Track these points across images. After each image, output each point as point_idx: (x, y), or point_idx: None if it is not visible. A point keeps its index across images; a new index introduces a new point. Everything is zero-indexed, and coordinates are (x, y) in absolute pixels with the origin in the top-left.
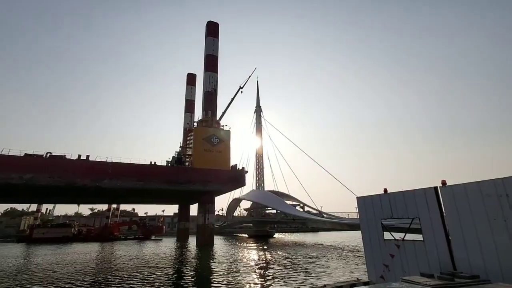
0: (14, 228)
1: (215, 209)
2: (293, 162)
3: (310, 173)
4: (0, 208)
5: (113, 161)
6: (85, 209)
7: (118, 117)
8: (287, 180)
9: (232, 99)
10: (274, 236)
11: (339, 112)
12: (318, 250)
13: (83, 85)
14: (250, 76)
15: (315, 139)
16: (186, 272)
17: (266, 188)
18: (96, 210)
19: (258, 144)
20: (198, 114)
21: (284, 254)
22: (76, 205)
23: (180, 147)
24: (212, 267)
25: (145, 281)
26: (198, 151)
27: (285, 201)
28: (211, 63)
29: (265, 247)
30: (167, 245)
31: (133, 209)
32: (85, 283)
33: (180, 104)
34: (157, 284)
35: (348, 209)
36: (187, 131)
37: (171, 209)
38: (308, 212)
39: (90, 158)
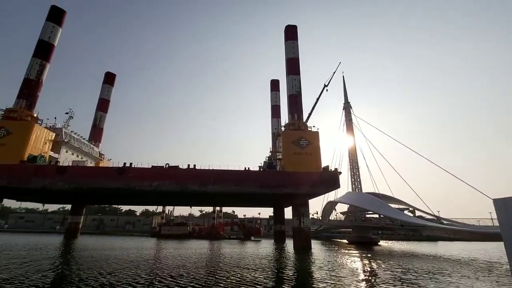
0: (148, 225)
1: (310, 212)
2: (393, 162)
3: (416, 173)
4: (138, 209)
5: (214, 168)
6: (195, 211)
7: (206, 126)
8: (389, 181)
9: (318, 98)
10: (379, 243)
11: (441, 105)
12: (440, 263)
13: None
14: (334, 72)
15: (410, 134)
16: (289, 276)
17: (364, 190)
18: (204, 212)
19: (350, 142)
20: (284, 118)
21: (395, 265)
22: (189, 207)
23: (270, 152)
24: (314, 272)
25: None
26: (287, 154)
27: (389, 205)
28: (293, 66)
29: (369, 254)
30: (266, 246)
31: (233, 211)
32: (201, 274)
33: (266, 110)
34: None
35: (469, 214)
36: (275, 135)
37: (266, 212)
38: (420, 217)
39: (196, 167)
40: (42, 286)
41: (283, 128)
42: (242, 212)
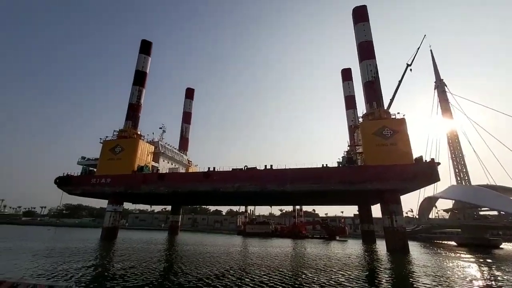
0: (234, 224)
1: (403, 209)
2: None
3: None
4: (224, 209)
5: (291, 167)
6: (276, 210)
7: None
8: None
9: (400, 81)
10: (500, 246)
11: None
12: None
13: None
14: (418, 48)
15: None
16: (391, 278)
17: (473, 182)
18: (284, 211)
19: (448, 127)
20: (361, 108)
21: None
22: (269, 206)
23: (348, 146)
24: (416, 278)
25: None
26: (369, 147)
27: None
28: (366, 50)
29: (489, 260)
30: (353, 247)
31: (314, 210)
32: (289, 273)
33: (339, 103)
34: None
35: None
36: (353, 128)
37: (350, 210)
38: None
39: (273, 167)
40: (158, 274)
41: (361, 120)
42: (323, 210)
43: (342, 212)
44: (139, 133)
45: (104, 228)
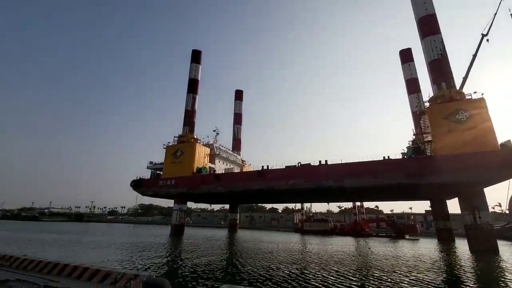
0: (291, 221)
1: (488, 204)
2: None
3: None
4: (279, 207)
5: (347, 161)
6: (333, 207)
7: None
8: None
9: (474, 55)
10: None
11: None
12: None
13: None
14: (495, 14)
15: None
16: (470, 283)
17: None
18: (343, 208)
19: None
20: (428, 91)
21: None
22: (326, 203)
23: (414, 134)
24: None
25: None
26: (439, 134)
27: None
28: (428, 25)
29: None
30: (427, 247)
31: (376, 207)
32: (353, 271)
33: (398, 88)
34: None
35: None
36: (418, 114)
37: (420, 206)
38: None
39: (328, 162)
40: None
41: (427, 104)
42: (388, 207)
43: (411, 208)
44: (195, 137)
45: (173, 226)
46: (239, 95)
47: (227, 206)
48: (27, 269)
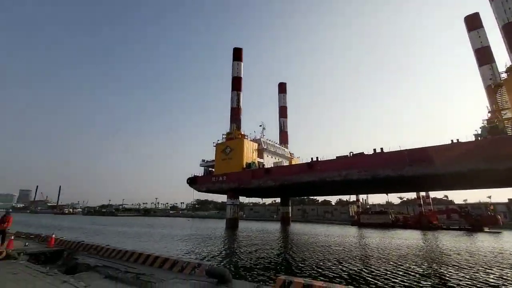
0: (345, 214)
1: None
2: None
3: None
4: (332, 199)
5: (408, 148)
6: (393, 198)
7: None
8: None
9: None
10: None
11: None
12: None
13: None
14: None
15: None
16: None
17: None
18: (405, 199)
19: None
20: (504, 60)
21: None
22: (385, 194)
23: (489, 112)
24: None
25: None
26: None
27: None
28: None
29: None
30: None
31: (445, 196)
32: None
33: (462, 60)
34: None
35: None
36: (494, 88)
37: (501, 195)
38: None
39: (384, 150)
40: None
41: (504, 75)
42: (460, 196)
43: (490, 197)
44: (243, 133)
45: (227, 219)
46: (282, 88)
47: (278, 200)
48: (110, 257)
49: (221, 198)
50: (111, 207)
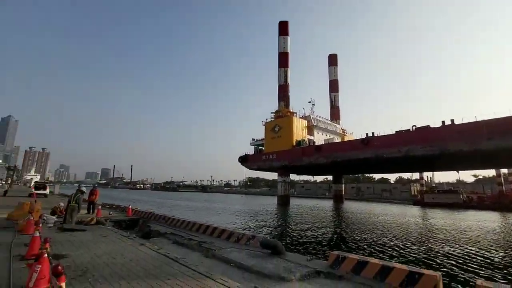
0: (407, 192)
1: None
2: None
3: None
4: (391, 177)
5: (487, 118)
6: (466, 176)
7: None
8: None
9: None
10: None
11: None
12: None
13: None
14: None
15: None
16: None
17: None
18: (481, 176)
19: None
20: None
21: None
22: (455, 171)
23: None
24: None
25: None
26: None
27: None
28: None
29: None
30: None
31: None
32: None
33: None
34: None
35: None
36: None
37: None
38: None
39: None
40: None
41: None
42: None
43: None
44: (291, 110)
45: (279, 196)
46: (333, 60)
47: (330, 178)
48: (175, 226)
49: (272, 175)
50: (173, 183)
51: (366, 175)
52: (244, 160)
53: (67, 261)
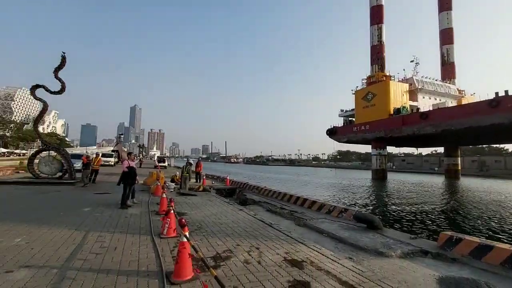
0: None
1: None
2: None
3: None
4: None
5: None
6: None
7: None
8: None
9: None
10: None
11: None
12: None
13: None
14: None
15: None
16: None
17: None
18: None
19: None
20: None
21: None
22: None
23: None
24: None
25: None
26: None
27: None
28: None
29: None
30: None
31: None
32: None
33: None
34: None
35: None
36: None
37: None
38: None
39: None
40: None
41: None
42: None
43: None
44: (388, 74)
45: (373, 170)
46: (445, 2)
47: (439, 150)
48: (268, 196)
49: (365, 148)
50: (262, 157)
51: (494, 146)
52: (333, 132)
53: (186, 217)
